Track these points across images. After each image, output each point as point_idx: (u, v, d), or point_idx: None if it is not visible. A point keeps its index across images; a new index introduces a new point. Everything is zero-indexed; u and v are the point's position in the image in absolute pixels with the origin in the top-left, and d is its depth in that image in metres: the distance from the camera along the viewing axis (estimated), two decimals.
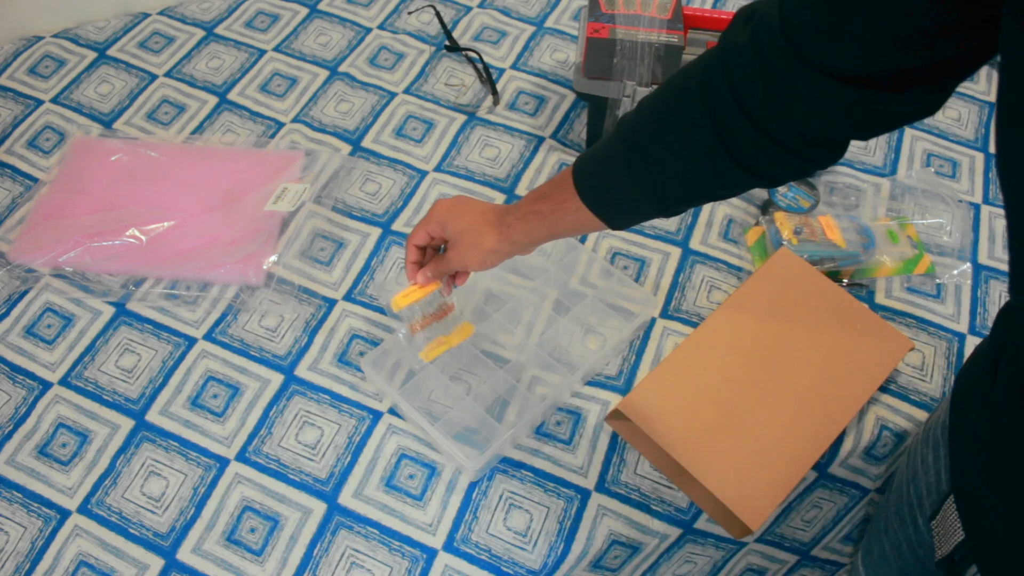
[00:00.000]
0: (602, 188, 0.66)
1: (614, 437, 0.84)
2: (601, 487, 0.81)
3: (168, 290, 0.92)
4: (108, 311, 0.91)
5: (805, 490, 0.88)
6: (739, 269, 0.97)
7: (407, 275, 0.79)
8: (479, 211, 0.74)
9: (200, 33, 1.19)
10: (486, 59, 1.17)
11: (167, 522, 0.77)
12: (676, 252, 0.98)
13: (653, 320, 0.92)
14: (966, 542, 0.60)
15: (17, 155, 1.05)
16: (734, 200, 1.03)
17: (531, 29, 1.23)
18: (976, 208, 1.05)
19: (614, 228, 0.69)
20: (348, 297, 0.93)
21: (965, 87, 1.19)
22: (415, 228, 0.77)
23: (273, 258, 0.93)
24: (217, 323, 0.90)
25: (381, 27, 1.22)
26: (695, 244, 0.99)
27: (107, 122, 1.09)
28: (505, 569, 0.76)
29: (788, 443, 0.80)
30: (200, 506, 0.78)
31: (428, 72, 1.16)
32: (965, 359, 0.68)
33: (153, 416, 0.84)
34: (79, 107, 1.10)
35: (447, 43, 1.19)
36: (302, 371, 0.87)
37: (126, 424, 0.83)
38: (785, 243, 0.94)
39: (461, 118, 1.11)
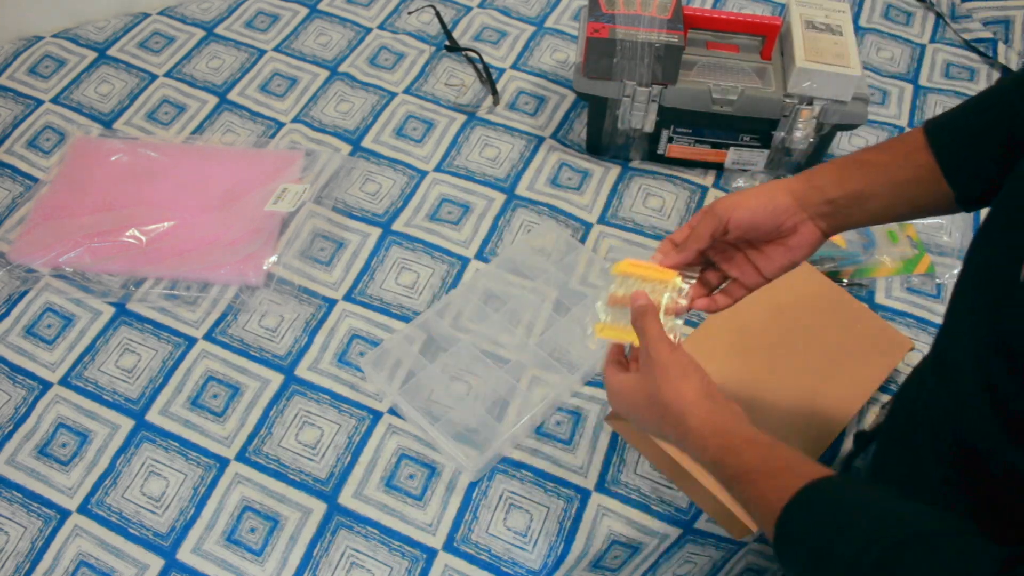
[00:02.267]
0: (963, 140, 0.58)
1: (614, 437, 0.84)
2: (601, 487, 0.81)
3: (168, 290, 0.92)
4: (108, 311, 0.91)
5: None
6: None
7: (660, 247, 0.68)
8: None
9: (200, 33, 1.19)
10: (486, 59, 1.17)
11: (167, 522, 0.77)
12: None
13: None
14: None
15: (17, 155, 1.05)
16: None
17: (531, 29, 1.23)
18: None
19: (965, 203, 0.59)
20: (348, 297, 0.93)
21: (965, 87, 1.19)
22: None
23: (273, 258, 0.93)
24: (217, 323, 0.90)
25: (381, 27, 1.22)
26: None
27: (107, 122, 1.09)
28: (505, 569, 0.76)
29: (788, 443, 0.80)
30: (200, 506, 0.78)
31: (428, 72, 1.16)
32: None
33: (153, 416, 0.84)
34: (79, 107, 1.10)
35: (447, 43, 1.19)
36: (302, 371, 0.87)
37: (126, 424, 0.83)
38: None
39: (461, 118, 1.11)
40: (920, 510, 0.46)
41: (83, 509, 0.78)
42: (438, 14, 1.21)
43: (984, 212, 0.54)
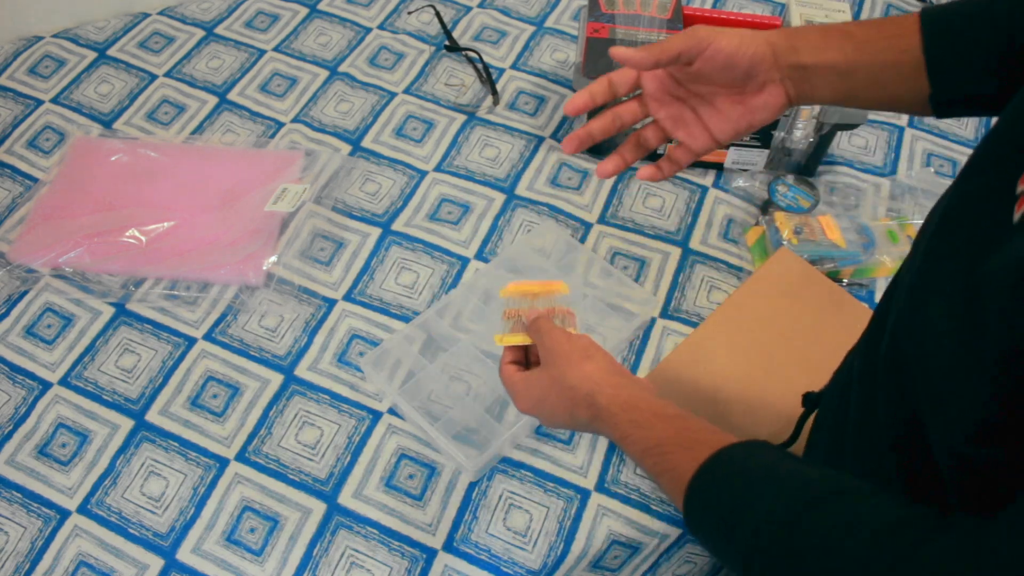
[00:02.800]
0: (957, 32, 0.54)
1: None
2: (601, 487, 0.81)
3: (168, 290, 0.92)
4: (108, 311, 0.91)
5: None
6: (739, 269, 0.97)
7: (566, 145, 0.65)
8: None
9: (200, 33, 1.20)
10: (486, 59, 1.17)
11: (167, 522, 0.77)
12: (676, 252, 0.98)
13: (653, 320, 0.92)
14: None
15: (17, 155, 1.05)
16: (734, 200, 1.03)
17: (531, 29, 1.23)
18: None
19: (937, 105, 0.56)
20: (348, 297, 0.93)
21: None
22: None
23: (273, 258, 0.93)
24: (217, 323, 0.90)
25: (381, 27, 1.22)
26: (695, 244, 0.99)
27: (107, 122, 1.09)
28: (505, 569, 0.76)
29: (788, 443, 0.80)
30: (200, 506, 0.78)
31: (428, 72, 1.16)
32: None
33: (153, 416, 0.84)
34: (79, 107, 1.10)
35: (447, 43, 1.19)
36: (302, 371, 0.87)
37: (126, 424, 0.83)
38: (785, 243, 0.94)
39: (461, 118, 1.11)
40: (828, 474, 0.45)
41: (83, 509, 0.78)
42: (438, 14, 1.21)
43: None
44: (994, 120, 0.49)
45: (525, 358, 0.68)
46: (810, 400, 0.73)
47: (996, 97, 0.54)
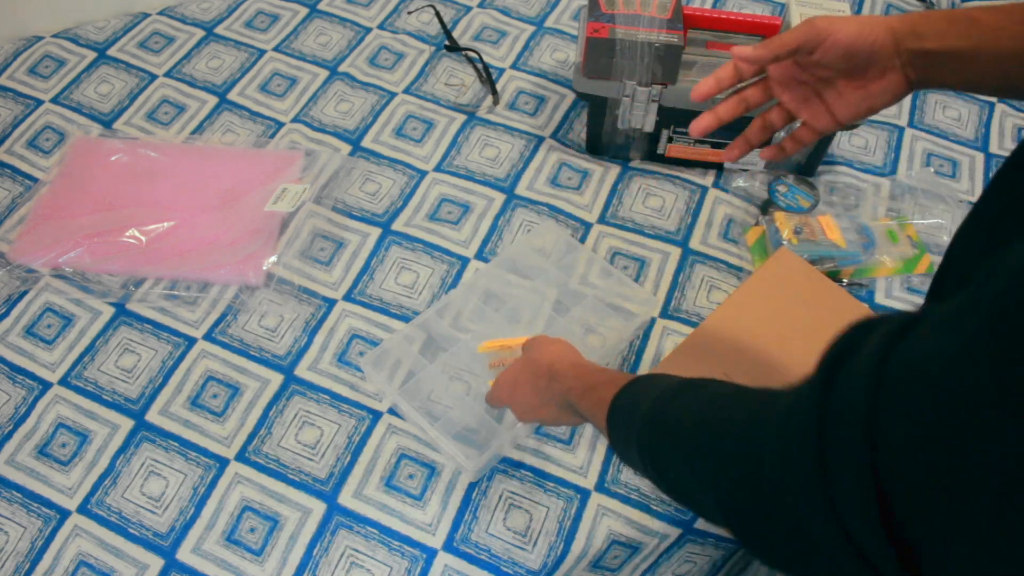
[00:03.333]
0: None
1: None
2: (601, 487, 0.81)
3: (168, 290, 0.92)
4: (108, 311, 0.91)
5: None
6: (739, 269, 0.97)
7: (703, 89, 0.65)
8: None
9: (200, 33, 1.20)
10: (486, 59, 1.17)
11: (167, 522, 0.77)
12: (676, 252, 0.98)
13: (653, 320, 0.92)
14: None
15: (17, 155, 1.05)
16: (734, 200, 1.03)
17: (531, 29, 1.23)
18: None
19: None
20: (348, 297, 0.93)
21: None
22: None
23: (273, 258, 0.93)
24: (217, 323, 0.90)
25: (381, 27, 1.22)
26: (695, 244, 0.99)
27: (107, 122, 1.09)
28: (505, 569, 0.76)
29: None
30: (200, 506, 0.78)
31: (428, 72, 1.16)
32: None
33: (153, 416, 0.84)
34: (79, 107, 1.10)
35: (447, 43, 1.19)
36: (302, 371, 0.87)
37: (126, 424, 0.83)
38: (785, 243, 0.94)
39: (461, 118, 1.11)
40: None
41: (83, 509, 0.78)
42: (438, 14, 1.21)
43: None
44: None
45: None
46: None
47: None
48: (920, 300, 0.96)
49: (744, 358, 0.84)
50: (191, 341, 0.89)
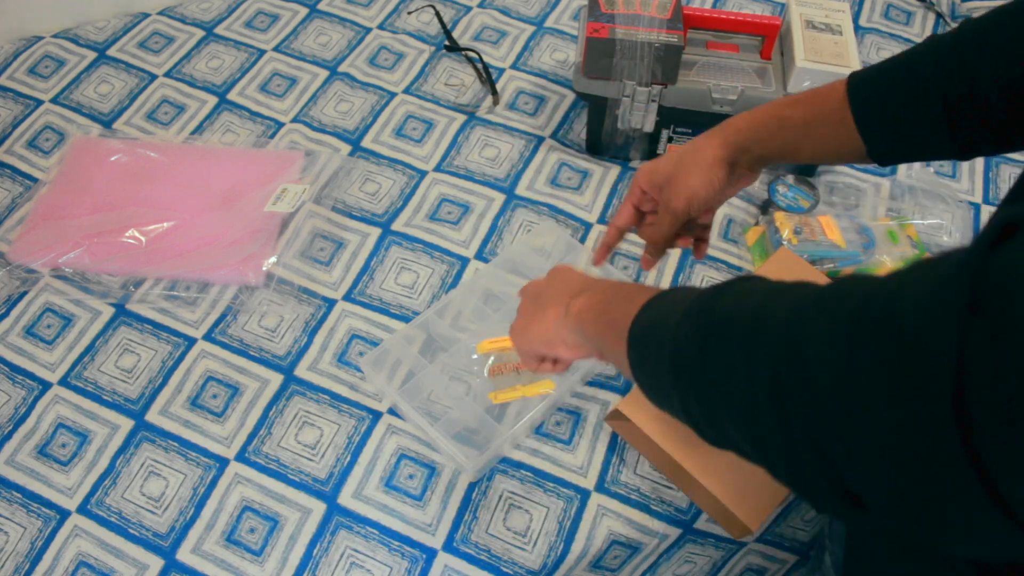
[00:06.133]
0: (880, 100, 0.59)
1: (614, 437, 0.84)
2: (601, 487, 0.81)
3: (168, 291, 0.92)
4: (108, 311, 0.91)
5: None
6: (739, 269, 0.97)
7: (594, 260, 0.79)
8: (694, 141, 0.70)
9: (200, 33, 1.20)
10: (486, 59, 1.17)
11: (167, 522, 0.77)
12: (676, 252, 0.98)
13: None
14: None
15: (17, 155, 1.05)
16: (734, 200, 1.03)
17: (531, 29, 1.23)
18: (976, 208, 1.05)
19: (875, 157, 0.61)
20: (348, 297, 0.93)
21: None
22: (620, 209, 0.77)
23: (273, 259, 0.93)
24: (217, 323, 0.90)
25: (381, 27, 1.22)
26: None
27: (107, 122, 1.09)
28: (505, 569, 0.76)
29: None
30: (200, 506, 0.78)
31: (428, 72, 1.16)
32: None
33: (153, 416, 0.84)
34: (79, 107, 1.10)
35: (447, 43, 1.19)
36: (302, 371, 0.87)
37: (126, 424, 0.83)
38: (785, 243, 0.94)
39: (461, 118, 1.11)
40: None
41: (83, 509, 0.78)
42: (438, 14, 1.21)
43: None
44: None
45: None
46: None
47: (928, 140, 0.59)
48: None
49: None
50: (191, 341, 0.89)
